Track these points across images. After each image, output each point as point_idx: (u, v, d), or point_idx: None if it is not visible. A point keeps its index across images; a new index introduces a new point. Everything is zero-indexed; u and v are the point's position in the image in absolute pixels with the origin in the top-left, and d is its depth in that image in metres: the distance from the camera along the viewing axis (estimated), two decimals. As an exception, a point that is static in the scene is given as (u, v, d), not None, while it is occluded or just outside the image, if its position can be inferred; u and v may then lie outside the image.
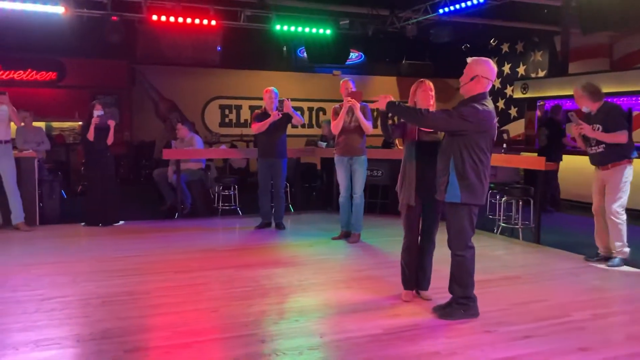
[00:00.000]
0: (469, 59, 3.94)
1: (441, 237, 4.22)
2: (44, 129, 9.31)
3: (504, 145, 9.05)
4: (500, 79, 15.20)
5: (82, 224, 7.53)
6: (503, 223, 7.30)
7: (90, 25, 10.02)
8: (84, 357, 3.28)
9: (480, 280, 4.91)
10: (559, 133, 9.29)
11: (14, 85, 11.85)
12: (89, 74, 12.91)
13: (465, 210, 3.87)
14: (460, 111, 3.77)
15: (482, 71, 3.83)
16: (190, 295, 4.50)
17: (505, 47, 14.72)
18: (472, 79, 3.84)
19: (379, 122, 4.47)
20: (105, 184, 7.51)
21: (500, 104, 15.15)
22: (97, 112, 7.31)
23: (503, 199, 7.25)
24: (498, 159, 8.12)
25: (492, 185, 7.97)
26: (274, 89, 7.27)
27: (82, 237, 6.99)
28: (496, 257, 6.02)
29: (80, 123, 9.14)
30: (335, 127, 6.43)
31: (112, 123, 7.46)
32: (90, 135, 7.33)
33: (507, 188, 7.29)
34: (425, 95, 4.34)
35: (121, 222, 7.66)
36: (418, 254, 4.39)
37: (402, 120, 4.23)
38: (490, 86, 3.89)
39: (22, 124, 8.00)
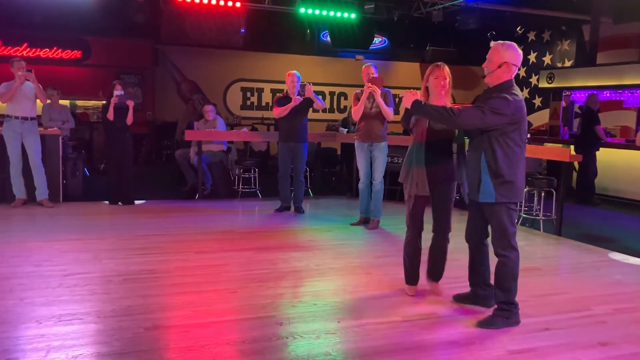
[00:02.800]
0: (492, 43, 3.65)
1: (458, 226, 4.17)
2: (69, 107, 9.41)
3: (528, 135, 8.92)
4: (525, 68, 14.96)
5: (107, 202, 7.63)
6: (524, 214, 7.22)
7: (115, 5, 10.07)
8: (105, 333, 3.33)
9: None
10: (594, 123, 9.12)
11: (40, 63, 11.96)
12: (113, 54, 12.99)
13: (503, 209, 3.61)
14: (492, 105, 3.47)
15: (510, 57, 3.55)
16: (210, 276, 4.55)
17: (531, 36, 14.46)
18: (499, 66, 3.55)
19: (400, 115, 4.22)
20: (123, 162, 7.58)
21: (525, 93, 14.92)
22: (117, 92, 7.36)
23: (525, 189, 7.15)
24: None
25: None
26: (297, 72, 7.24)
27: (104, 214, 7.08)
28: (516, 248, 5.96)
29: (104, 102, 9.23)
30: (356, 112, 6.37)
31: (130, 103, 7.49)
32: (110, 115, 7.39)
33: (530, 179, 7.20)
34: (437, 82, 3.97)
35: (139, 202, 7.73)
36: (419, 248, 4.22)
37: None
38: (515, 72, 3.64)
39: (49, 101, 8.10)
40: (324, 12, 10.94)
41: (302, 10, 10.76)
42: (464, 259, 4.09)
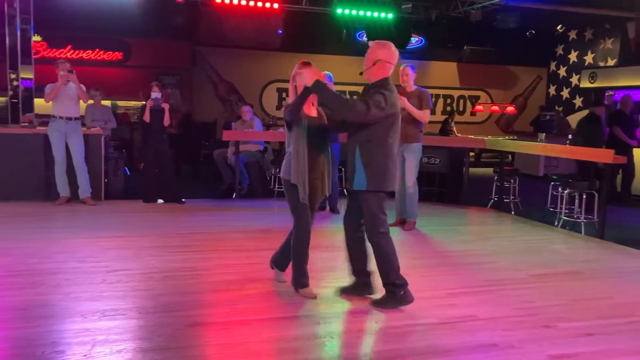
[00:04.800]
0: (370, 43, 3.89)
1: (489, 229, 4.11)
2: (111, 108, 9.65)
3: (569, 137, 8.75)
4: (565, 67, 14.65)
5: (142, 200, 7.80)
6: (565, 216, 7.08)
7: (155, 7, 10.27)
8: (146, 329, 3.41)
9: (540, 274, 4.83)
10: (614, 124, 8.89)
11: (83, 64, 12.30)
12: (153, 55, 13.25)
13: (373, 197, 3.82)
14: (374, 100, 3.66)
15: (384, 55, 3.79)
16: (249, 274, 4.60)
17: (572, 34, 14.16)
18: (374, 63, 3.79)
19: (298, 99, 3.90)
20: (162, 163, 7.72)
21: (565, 93, 14.62)
22: (154, 94, 7.50)
23: (565, 191, 7.02)
24: (562, 151, 7.88)
25: (554, 177, 7.74)
26: (328, 73, 7.23)
27: (144, 212, 7.23)
28: (556, 251, 5.86)
29: (143, 103, 9.42)
30: None
31: (166, 106, 7.60)
32: (146, 117, 7.56)
33: (571, 180, 7.05)
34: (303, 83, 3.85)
35: (184, 200, 7.87)
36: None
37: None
38: (391, 70, 3.83)
39: (91, 101, 8.32)
40: (361, 13, 10.93)
41: (339, 10, 10.78)
42: (499, 262, 4.04)
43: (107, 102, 10.41)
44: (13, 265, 4.58)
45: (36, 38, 10.90)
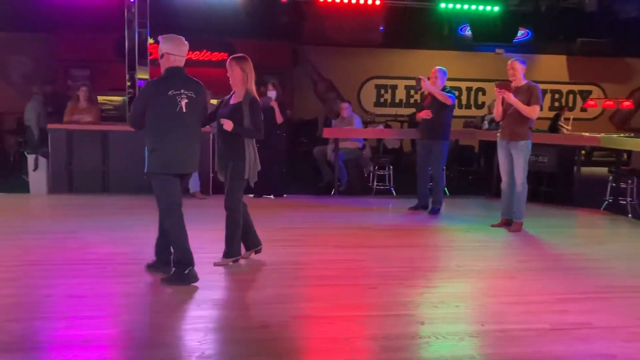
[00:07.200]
0: (159, 38, 4.24)
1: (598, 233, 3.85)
2: (217, 107, 10.07)
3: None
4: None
5: (251, 195, 8.08)
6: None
7: (260, 8, 10.59)
8: (255, 319, 3.54)
9: None
10: None
11: (190, 65, 12.66)
12: (256, 55, 13.56)
13: (154, 179, 4.11)
14: (141, 92, 4.26)
15: (169, 48, 4.16)
16: (349, 270, 4.64)
17: (702, 22, 12.91)
18: (162, 57, 4.18)
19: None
20: (273, 159, 7.96)
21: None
22: (269, 92, 7.76)
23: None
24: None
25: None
26: (442, 68, 7.07)
27: (249, 207, 7.45)
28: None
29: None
30: (496, 114, 6.37)
31: (274, 104, 7.81)
32: None
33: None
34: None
35: (285, 195, 8.09)
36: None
37: None
38: (182, 61, 4.21)
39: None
40: (465, 6, 10.62)
41: (442, 5, 10.55)
42: (614, 268, 3.79)
43: (214, 101, 10.89)
44: (133, 254, 4.90)
45: (149, 40, 11.61)
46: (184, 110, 4.09)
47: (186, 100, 4.11)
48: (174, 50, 4.19)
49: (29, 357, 2.95)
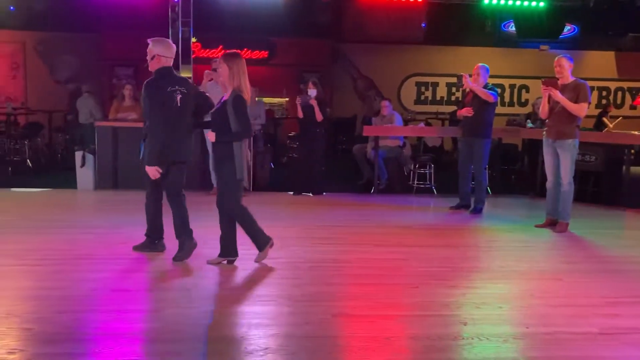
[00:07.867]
0: (149, 40, 4.53)
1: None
2: (263, 104, 10.13)
3: None
4: None
5: (291, 192, 8.12)
6: None
7: (300, 6, 10.62)
8: (296, 316, 3.54)
9: None
10: None
11: (232, 63, 13.06)
12: (296, 53, 13.72)
13: (173, 169, 4.55)
14: (147, 94, 4.44)
15: (160, 51, 4.48)
16: (390, 269, 4.61)
17: None
18: (152, 59, 4.49)
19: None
20: (313, 157, 7.98)
21: None
22: (309, 91, 7.79)
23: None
24: None
25: None
26: (485, 65, 6.94)
27: (289, 204, 7.54)
28: None
29: (287, 99, 9.82)
30: (542, 112, 6.21)
31: (313, 102, 7.82)
32: (299, 113, 7.89)
33: None
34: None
35: (324, 193, 8.10)
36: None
37: None
38: (171, 61, 4.52)
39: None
40: (510, 2, 10.42)
41: (486, 1, 10.37)
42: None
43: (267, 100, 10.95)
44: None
45: (192, 39, 11.79)
46: (179, 104, 4.48)
47: (180, 96, 4.49)
48: (164, 52, 4.54)
49: (76, 348, 3.03)
